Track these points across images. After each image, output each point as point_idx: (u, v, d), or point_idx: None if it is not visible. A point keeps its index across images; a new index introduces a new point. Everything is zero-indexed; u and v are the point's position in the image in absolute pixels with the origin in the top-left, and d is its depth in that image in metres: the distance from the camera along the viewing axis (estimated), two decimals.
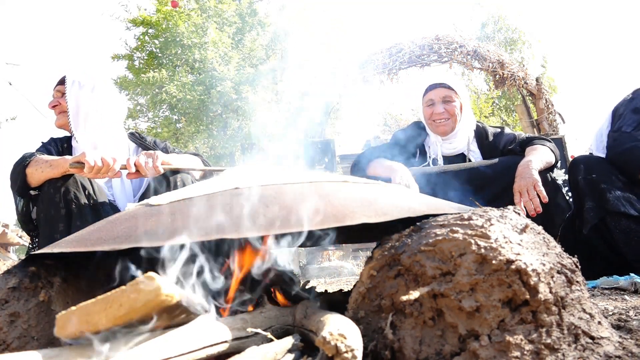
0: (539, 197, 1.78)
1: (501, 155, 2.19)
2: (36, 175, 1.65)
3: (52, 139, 2.00)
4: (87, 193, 1.66)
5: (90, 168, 1.55)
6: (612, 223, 1.89)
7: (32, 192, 1.74)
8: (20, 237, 9.69)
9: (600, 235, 1.95)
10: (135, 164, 1.66)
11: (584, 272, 0.88)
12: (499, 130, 2.37)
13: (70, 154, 1.92)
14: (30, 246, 1.81)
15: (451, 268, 0.70)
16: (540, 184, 1.78)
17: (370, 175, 2.17)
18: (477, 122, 2.43)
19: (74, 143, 1.95)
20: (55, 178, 1.65)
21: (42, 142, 1.98)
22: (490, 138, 2.31)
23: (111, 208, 1.74)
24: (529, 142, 2.14)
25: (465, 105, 2.31)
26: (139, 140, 2.08)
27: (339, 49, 6.63)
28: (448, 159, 2.29)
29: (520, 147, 2.16)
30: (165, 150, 2.05)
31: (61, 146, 1.96)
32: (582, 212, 1.98)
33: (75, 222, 1.58)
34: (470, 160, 2.25)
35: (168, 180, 1.76)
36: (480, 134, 2.35)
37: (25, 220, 1.77)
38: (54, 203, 1.61)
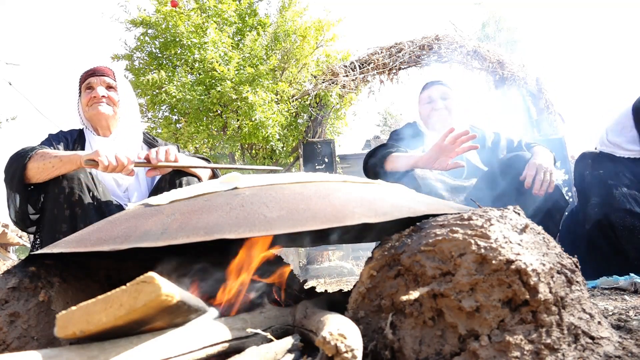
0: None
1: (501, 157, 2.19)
2: (45, 170, 1.57)
3: (61, 132, 1.93)
4: (91, 195, 1.63)
5: (105, 167, 1.54)
6: (617, 220, 1.89)
7: (30, 188, 1.67)
8: (20, 237, 9.68)
9: (603, 232, 1.95)
10: (146, 158, 1.66)
11: (584, 272, 0.88)
12: (496, 133, 2.39)
13: (83, 149, 1.88)
14: (34, 243, 1.76)
15: (451, 268, 0.70)
16: (554, 174, 1.80)
17: (388, 171, 2.15)
18: (472, 125, 2.44)
19: (88, 137, 1.91)
20: (59, 178, 1.60)
21: (50, 134, 1.89)
22: (489, 142, 2.33)
23: (117, 209, 1.71)
24: (529, 146, 2.16)
25: (461, 105, 2.34)
26: (151, 141, 2.07)
27: (338, 49, 6.62)
28: None
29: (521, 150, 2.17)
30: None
31: (72, 141, 1.90)
32: (587, 207, 1.98)
33: (79, 224, 1.54)
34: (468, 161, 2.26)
35: (174, 181, 1.76)
36: (479, 136, 2.36)
37: (22, 218, 1.70)
38: (58, 203, 1.58)
